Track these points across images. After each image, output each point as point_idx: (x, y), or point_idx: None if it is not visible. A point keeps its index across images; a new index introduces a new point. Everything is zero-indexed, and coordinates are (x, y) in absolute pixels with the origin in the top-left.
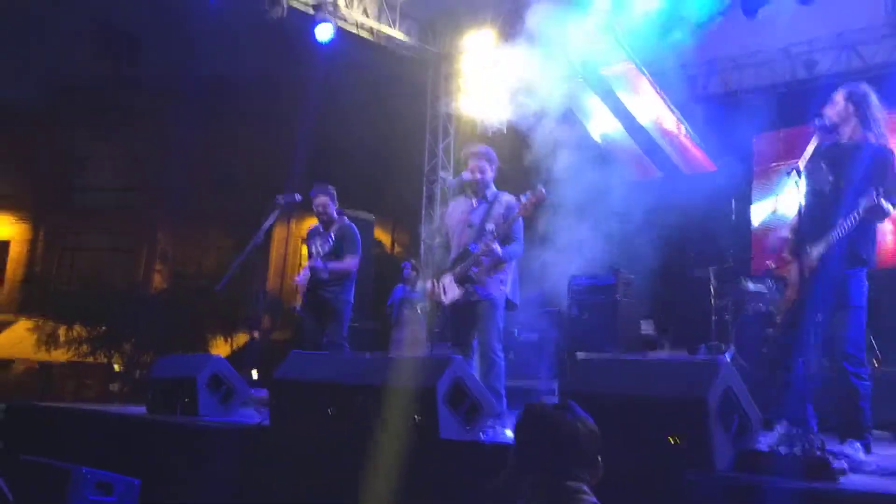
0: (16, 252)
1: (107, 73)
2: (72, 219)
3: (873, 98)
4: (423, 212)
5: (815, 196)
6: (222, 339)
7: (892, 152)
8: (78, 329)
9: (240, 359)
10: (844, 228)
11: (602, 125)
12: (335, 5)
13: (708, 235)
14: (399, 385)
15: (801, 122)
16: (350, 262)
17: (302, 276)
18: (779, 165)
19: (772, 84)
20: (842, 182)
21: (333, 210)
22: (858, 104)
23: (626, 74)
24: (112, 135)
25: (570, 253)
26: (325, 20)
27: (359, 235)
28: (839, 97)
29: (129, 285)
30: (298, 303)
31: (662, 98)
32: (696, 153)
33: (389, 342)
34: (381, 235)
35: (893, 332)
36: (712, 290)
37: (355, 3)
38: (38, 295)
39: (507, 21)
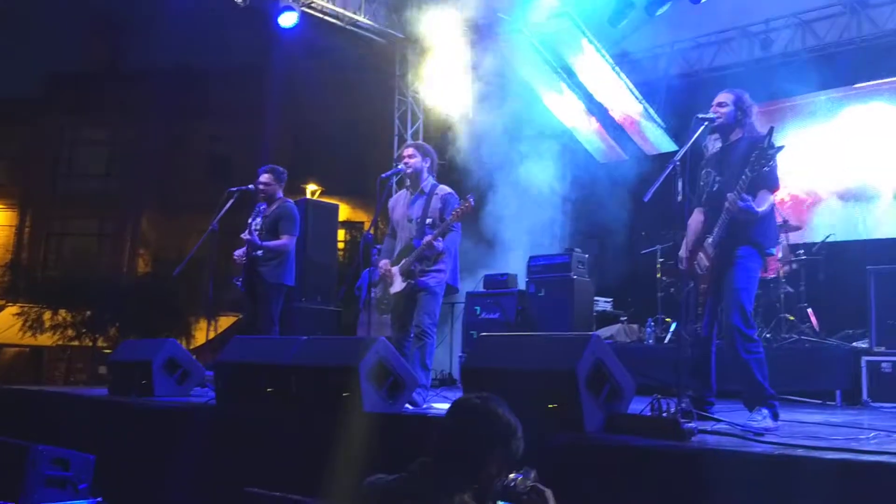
0: (2, 238)
1: (92, 62)
2: (57, 205)
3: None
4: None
5: (709, 196)
6: (205, 322)
7: (763, 136)
8: (63, 314)
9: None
10: (725, 221)
11: (568, 109)
12: None
13: (658, 215)
14: (327, 364)
15: (757, 100)
16: (285, 241)
17: (239, 252)
18: None
19: (731, 63)
20: (724, 180)
21: (276, 189)
22: (746, 112)
23: (589, 60)
24: (96, 122)
25: (534, 235)
26: (288, 8)
27: (297, 216)
28: (728, 101)
29: (113, 270)
30: (239, 279)
31: (624, 81)
32: (656, 134)
33: (356, 325)
34: (364, 218)
35: (829, 302)
36: (659, 266)
37: None
38: (23, 280)
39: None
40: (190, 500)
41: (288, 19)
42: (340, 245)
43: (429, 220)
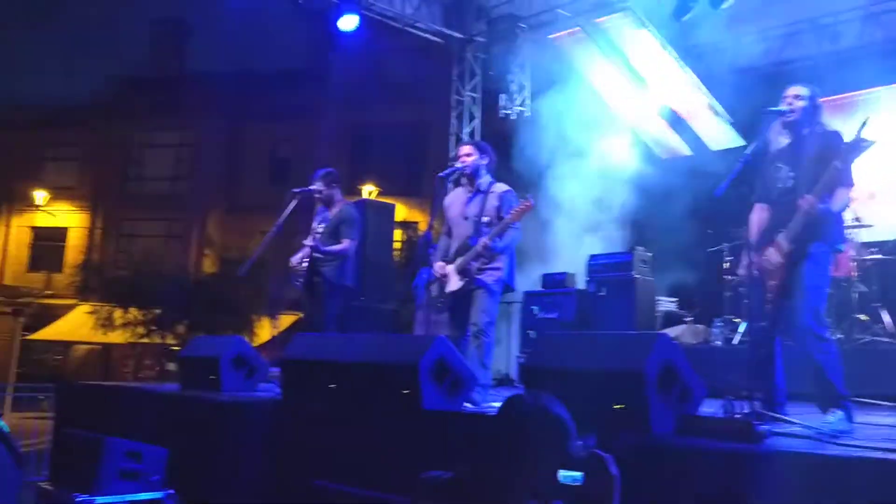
0: (75, 239)
1: (159, 67)
2: (127, 207)
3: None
4: None
5: (781, 193)
6: (268, 320)
7: (838, 134)
8: (133, 312)
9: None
10: (801, 219)
11: (629, 103)
12: None
13: (723, 211)
14: (389, 362)
15: (825, 93)
16: (346, 245)
17: (296, 257)
18: None
19: (798, 56)
20: (798, 176)
21: (332, 192)
22: (819, 107)
23: (651, 54)
24: (164, 126)
25: (594, 233)
26: (349, 10)
27: (358, 219)
28: (805, 94)
29: (180, 270)
30: (299, 279)
31: (689, 75)
32: (722, 128)
33: (413, 324)
34: (419, 218)
35: None
36: (727, 265)
37: None
38: (95, 280)
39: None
40: (259, 491)
41: (349, 22)
42: (397, 245)
43: (485, 219)
